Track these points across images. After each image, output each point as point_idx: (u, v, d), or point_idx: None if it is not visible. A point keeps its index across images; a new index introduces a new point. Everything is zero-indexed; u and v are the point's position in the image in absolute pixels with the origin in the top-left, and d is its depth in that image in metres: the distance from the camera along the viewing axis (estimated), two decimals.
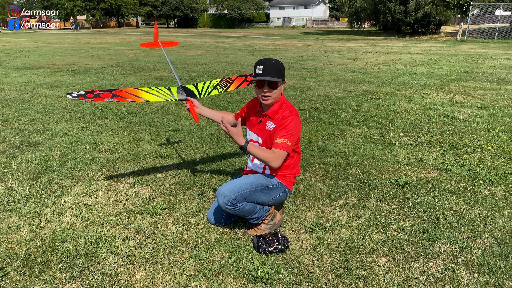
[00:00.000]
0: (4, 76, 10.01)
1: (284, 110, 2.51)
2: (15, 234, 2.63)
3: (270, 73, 2.37)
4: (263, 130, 2.56)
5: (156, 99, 2.86)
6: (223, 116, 2.28)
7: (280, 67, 2.42)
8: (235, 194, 2.39)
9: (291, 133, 2.41)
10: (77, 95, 2.69)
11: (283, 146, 2.39)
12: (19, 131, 5.02)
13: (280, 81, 2.43)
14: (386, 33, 36.22)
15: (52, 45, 22.26)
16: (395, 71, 10.91)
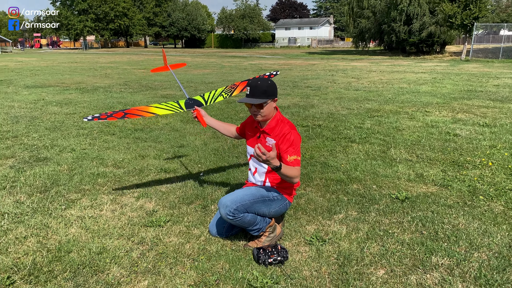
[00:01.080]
0: (15, 94, 10.25)
1: (282, 126, 2.59)
2: (22, 245, 2.70)
3: (255, 94, 2.51)
4: (264, 146, 2.65)
5: (165, 112, 3.07)
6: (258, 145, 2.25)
7: (267, 87, 2.52)
8: (237, 205, 2.46)
9: (297, 149, 2.54)
10: (92, 118, 2.85)
11: (296, 163, 2.50)
12: (28, 147, 5.15)
13: (266, 101, 2.53)
14: (391, 52, 36.57)
15: (62, 64, 22.74)
16: (399, 89, 11.01)
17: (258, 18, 73.22)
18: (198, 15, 72.51)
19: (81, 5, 67.13)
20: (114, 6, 67.64)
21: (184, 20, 71.16)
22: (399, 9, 31.67)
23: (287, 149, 2.52)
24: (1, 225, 2.98)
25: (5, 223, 3.01)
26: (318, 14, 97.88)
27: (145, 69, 19.06)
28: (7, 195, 3.56)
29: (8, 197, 3.52)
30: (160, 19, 73.34)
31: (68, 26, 67.13)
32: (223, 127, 3.08)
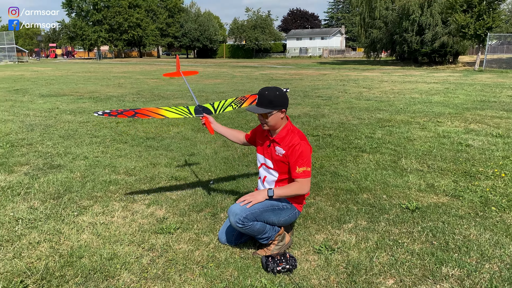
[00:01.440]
0: (30, 103, 10.47)
1: (292, 137, 2.61)
2: (35, 250, 2.75)
3: (262, 103, 2.55)
4: (273, 155, 2.67)
5: (175, 116, 3.11)
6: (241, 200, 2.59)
7: (274, 98, 2.54)
8: (246, 213, 2.49)
9: (307, 160, 2.55)
10: (102, 113, 2.93)
11: (305, 174, 2.53)
12: (42, 154, 5.24)
13: (271, 111, 2.56)
14: (402, 62, 36.45)
15: (76, 74, 23.15)
16: (410, 99, 10.96)
17: (270, 29, 73.80)
18: (210, 26, 73.35)
19: (96, 16, 68.47)
20: (128, 17, 68.83)
21: (196, 31, 72.04)
22: (411, 19, 31.63)
23: (296, 160, 2.53)
24: (15, 230, 3.04)
25: (19, 228, 3.08)
26: (329, 24, 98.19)
27: (157, 79, 19.30)
28: (21, 201, 3.63)
29: (23, 203, 3.60)
30: (172, 29, 74.34)
31: (83, 37, 68.44)
32: (231, 133, 3.11)
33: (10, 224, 3.16)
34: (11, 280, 2.39)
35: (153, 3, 73.61)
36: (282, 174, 2.68)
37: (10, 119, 7.89)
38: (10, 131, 6.75)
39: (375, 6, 36.09)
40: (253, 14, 74.91)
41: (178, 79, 19.13)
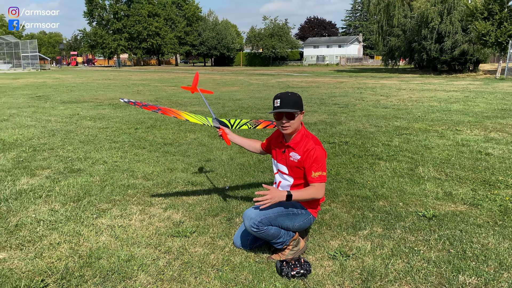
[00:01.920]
0: (52, 109, 10.74)
1: (306, 141, 2.62)
2: (55, 250, 2.83)
3: (287, 105, 2.55)
4: (288, 160, 2.69)
5: (195, 121, 3.21)
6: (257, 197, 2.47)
7: (297, 99, 2.59)
8: (261, 217, 2.51)
9: (322, 164, 2.56)
10: (128, 101, 3.04)
11: (321, 179, 2.54)
12: (63, 159, 5.38)
13: (297, 111, 2.58)
14: (421, 71, 36.04)
15: (96, 81, 23.65)
16: (429, 107, 10.84)
17: (287, 37, 73.95)
18: (228, 34, 73.99)
19: (116, 24, 69.95)
20: (147, 26, 70.09)
21: (214, 39, 72.76)
22: (430, 27, 31.32)
23: (311, 165, 2.55)
24: (37, 231, 3.13)
25: (41, 230, 3.16)
26: (347, 32, 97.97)
27: (175, 86, 19.56)
28: (43, 204, 3.73)
29: (44, 205, 3.70)
30: (191, 38, 75.32)
31: (103, 45, 69.94)
32: (248, 143, 3.15)
33: (32, 225, 3.25)
34: (33, 279, 2.46)
35: (172, 12, 74.82)
36: (297, 180, 2.69)
37: (33, 125, 8.11)
38: (33, 136, 6.94)
39: (393, 14, 35.89)
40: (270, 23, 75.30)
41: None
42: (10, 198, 3.86)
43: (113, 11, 70.50)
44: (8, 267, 2.60)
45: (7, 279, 2.46)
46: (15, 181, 4.38)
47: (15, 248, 2.87)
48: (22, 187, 4.18)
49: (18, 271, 2.55)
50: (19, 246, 2.90)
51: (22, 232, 3.13)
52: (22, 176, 4.58)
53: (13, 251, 2.83)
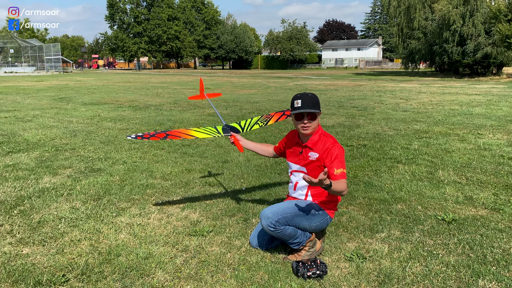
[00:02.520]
0: (74, 110, 10.98)
1: (325, 140, 2.64)
2: (76, 247, 2.90)
3: (309, 105, 2.58)
4: (307, 161, 2.70)
5: (204, 136, 3.21)
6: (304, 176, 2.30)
7: (317, 100, 2.64)
8: (278, 217, 2.52)
9: (342, 162, 2.59)
10: (135, 136, 3.03)
11: (342, 176, 2.55)
12: (84, 158, 5.50)
13: (318, 112, 2.61)
14: (442, 74, 35.41)
15: (117, 84, 24.06)
16: (450, 111, 10.65)
17: (305, 40, 73.81)
18: (246, 38, 74.30)
19: (136, 28, 71.07)
20: (167, 29, 70.99)
21: (232, 43, 73.17)
22: (452, 29, 30.77)
23: (333, 162, 2.56)
24: (59, 228, 3.21)
25: (62, 227, 3.25)
26: (366, 35, 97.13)
27: (193, 89, 19.74)
28: (64, 202, 3.83)
29: (65, 203, 3.79)
30: (209, 41, 75.92)
31: (124, 48, 71.13)
32: (261, 148, 3.19)
33: (53, 222, 3.34)
34: (54, 274, 2.53)
35: (191, 15, 75.62)
36: None
37: (55, 125, 8.32)
38: (55, 136, 7.11)
39: (414, 17, 35.42)
40: (288, 26, 75.29)
41: (214, 89, 19.49)
42: (33, 196, 3.97)
43: (134, 15, 71.68)
44: (31, 262, 2.68)
45: (30, 273, 2.53)
46: (38, 180, 4.50)
47: (38, 244, 2.95)
48: (45, 186, 4.29)
49: (40, 266, 2.62)
50: (42, 242, 2.98)
51: (44, 228, 3.22)
52: (45, 175, 4.70)
53: (36, 246, 2.91)
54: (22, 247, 2.90)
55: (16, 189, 4.18)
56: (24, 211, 3.57)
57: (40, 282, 2.44)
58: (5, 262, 2.67)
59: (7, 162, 5.29)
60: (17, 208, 3.66)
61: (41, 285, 2.41)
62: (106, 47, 77.54)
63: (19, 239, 3.02)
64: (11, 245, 2.93)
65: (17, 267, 2.60)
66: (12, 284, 2.42)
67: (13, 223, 3.32)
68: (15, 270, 2.56)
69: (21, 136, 7.08)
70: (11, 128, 7.99)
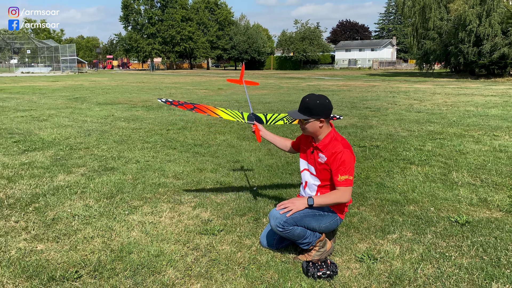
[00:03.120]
0: (88, 110, 11.14)
1: (335, 144, 2.62)
2: (89, 244, 2.94)
3: (301, 109, 2.63)
4: (316, 161, 2.70)
5: (229, 118, 3.22)
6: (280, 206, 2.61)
7: (312, 106, 2.58)
8: (287, 217, 2.52)
9: (349, 168, 2.55)
10: (165, 100, 3.12)
11: (347, 183, 2.54)
12: (97, 157, 5.57)
13: (306, 118, 2.61)
14: (457, 75, 34.92)
15: (130, 84, 24.31)
16: (465, 112, 10.50)
17: (318, 40, 73.59)
18: (259, 38, 74.41)
19: (150, 29, 71.76)
20: (180, 30, 71.54)
21: (245, 43, 73.33)
22: (467, 30, 30.30)
23: (338, 168, 2.54)
24: (72, 225, 3.26)
25: (75, 224, 3.29)
26: (380, 36, 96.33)
27: (206, 89, 19.84)
28: (78, 199, 3.88)
29: (79, 201, 3.84)
30: (222, 42, 76.22)
31: (138, 49, 71.86)
32: (279, 140, 3.19)
33: (67, 219, 3.39)
34: (67, 270, 2.57)
35: (205, 16, 76.05)
36: (324, 181, 2.69)
37: (70, 125, 8.44)
38: (70, 135, 7.22)
39: (429, 17, 34.98)
40: (301, 26, 75.14)
41: (225, 90, 19.57)
42: (48, 193, 4.04)
43: (148, 16, 72.39)
44: (45, 258, 2.72)
45: (44, 269, 2.58)
46: (53, 178, 4.57)
47: (52, 240, 3.00)
48: (59, 184, 4.36)
49: (54, 262, 2.67)
50: (56, 238, 3.03)
51: (58, 225, 3.27)
52: (59, 173, 4.78)
53: (50, 243, 2.96)
54: (36, 244, 2.95)
55: (32, 186, 4.26)
56: (39, 208, 3.64)
57: (53, 277, 2.48)
58: (20, 258, 2.72)
59: (23, 160, 5.39)
60: (32, 205, 3.72)
61: (54, 280, 2.45)
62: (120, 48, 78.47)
63: (33, 236, 3.08)
64: (26, 241, 2.99)
65: (31, 263, 2.65)
66: (27, 279, 2.46)
67: (28, 219, 3.38)
68: (30, 266, 2.61)
69: (36, 135, 7.21)
70: (27, 127, 8.14)
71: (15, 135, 7.25)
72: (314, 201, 2.55)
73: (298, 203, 2.57)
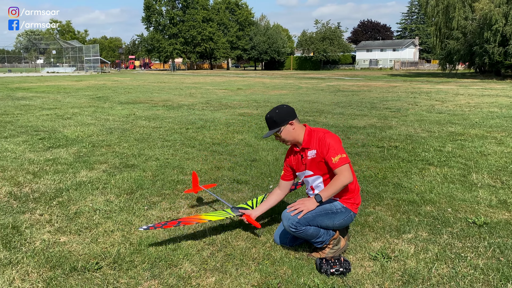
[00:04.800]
0: (110, 109, 11.39)
1: (315, 135, 2.70)
2: (109, 237, 3.04)
3: (270, 127, 2.74)
4: (309, 162, 2.72)
5: (217, 218, 3.04)
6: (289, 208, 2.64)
7: (275, 117, 2.70)
8: (299, 218, 2.56)
9: (338, 147, 2.61)
10: (147, 227, 2.85)
11: (342, 161, 2.57)
12: (119, 154, 5.72)
13: (278, 129, 2.70)
14: (482, 75, 34.12)
15: (151, 84, 24.69)
16: (488, 113, 10.28)
17: (339, 40, 73.03)
18: (279, 38, 74.38)
19: (172, 29, 72.61)
20: (201, 31, 72.12)
21: (265, 43, 73.39)
22: (493, 29, 29.55)
23: (328, 152, 2.59)
24: (93, 219, 3.38)
25: (97, 218, 3.41)
26: (402, 35, 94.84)
27: (225, 89, 19.98)
28: (99, 195, 4.01)
29: (100, 196, 3.97)
30: (242, 42, 76.49)
31: (159, 49, 72.81)
32: (274, 199, 3.05)
33: (89, 213, 3.51)
34: (88, 261, 2.67)
35: (225, 16, 76.47)
36: (325, 174, 2.72)
37: (93, 123, 8.67)
38: (92, 133, 7.42)
39: (453, 16, 34.24)
40: (322, 26, 74.72)
41: (245, 90, 19.68)
42: (71, 188, 4.18)
43: (169, 16, 73.28)
44: (68, 250, 2.84)
45: (66, 260, 2.69)
46: (76, 174, 4.73)
47: (74, 233, 3.12)
48: (82, 179, 4.50)
49: (76, 254, 2.78)
50: (77, 231, 3.15)
51: (80, 219, 3.39)
52: (82, 169, 4.93)
53: (72, 235, 3.08)
54: (59, 236, 3.07)
55: (56, 181, 4.41)
56: (62, 202, 3.78)
57: (75, 268, 2.58)
58: (44, 249, 2.84)
59: (47, 156, 5.58)
60: (56, 199, 3.87)
61: (76, 271, 2.55)
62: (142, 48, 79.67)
63: (57, 228, 3.20)
64: (50, 233, 3.11)
65: (55, 254, 2.77)
66: (50, 269, 2.57)
67: (52, 213, 3.52)
68: (53, 256, 2.72)
69: (61, 133, 7.44)
70: (52, 125, 8.40)
71: (40, 132, 7.50)
72: (321, 197, 2.56)
73: (308, 203, 2.59)
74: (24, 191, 4.09)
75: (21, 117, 9.52)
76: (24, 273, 2.52)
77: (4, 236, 3.04)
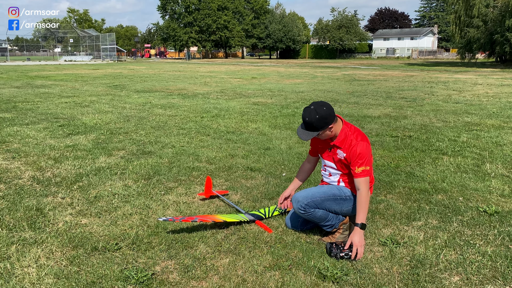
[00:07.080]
0: (127, 97, 11.58)
1: (350, 138, 2.68)
2: (128, 220, 3.18)
3: (307, 128, 2.63)
4: (335, 158, 2.77)
5: (232, 220, 3.06)
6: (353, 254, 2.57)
7: (314, 122, 2.56)
8: (308, 201, 2.65)
9: (365, 159, 2.62)
10: (166, 219, 2.96)
11: (364, 173, 2.61)
12: (136, 142, 5.86)
13: (317, 133, 2.62)
14: (503, 65, 33.34)
15: (167, 73, 24.87)
16: (506, 103, 10.12)
17: (355, 29, 71.98)
18: (294, 27, 73.68)
19: (187, 18, 72.59)
20: (216, 19, 71.91)
21: (280, 32, 72.81)
22: None
23: (355, 160, 2.61)
24: (112, 203, 3.52)
25: (116, 202, 3.55)
26: (420, 24, 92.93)
27: (240, 78, 20.02)
28: (118, 180, 4.15)
29: (119, 181, 4.11)
30: (257, 31, 76.01)
31: (175, 38, 72.95)
32: (302, 175, 3.09)
33: (108, 197, 3.65)
34: (108, 242, 2.81)
35: (240, 5, 75.94)
36: (344, 175, 2.79)
37: (110, 111, 8.85)
38: (110, 121, 7.59)
39: (473, 4, 33.44)
40: (338, 14, 73.71)
41: (259, 79, 19.68)
42: (91, 173, 4.34)
43: (185, 5, 73.17)
44: (89, 231, 2.98)
45: (88, 240, 2.83)
46: (95, 160, 4.88)
47: (94, 215, 3.26)
48: (101, 165, 4.66)
49: (96, 235, 2.92)
50: (98, 214, 3.29)
51: (100, 203, 3.53)
52: (101, 155, 5.09)
53: (93, 218, 3.22)
54: (81, 218, 3.22)
55: (76, 167, 4.58)
56: (82, 187, 3.93)
57: (96, 248, 2.72)
58: (67, 230, 2.99)
59: (67, 143, 5.76)
60: (76, 183, 4.02)
61: (97, 250, 2.69)
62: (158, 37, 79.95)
63: (78, 211, 3.35)
64: (72, 215, 3.26)
65: (77, 234, 2.91)
66: (73, 248, 2.72)
67: (73, 197, 3.67)
68: (75, 237, 2.87)
69: (79, 120, 7.63)
70: (71, 112, 8.61)
71: (60, 119, 7.70)
72: (364, 225, 2.59)
73: (359, 240, 2.54)
74: (46, 176, 4.26)
75: (41, 105, 9.77)
76: (49, 252, 2.67)
77: (29, 217, 3.20)
